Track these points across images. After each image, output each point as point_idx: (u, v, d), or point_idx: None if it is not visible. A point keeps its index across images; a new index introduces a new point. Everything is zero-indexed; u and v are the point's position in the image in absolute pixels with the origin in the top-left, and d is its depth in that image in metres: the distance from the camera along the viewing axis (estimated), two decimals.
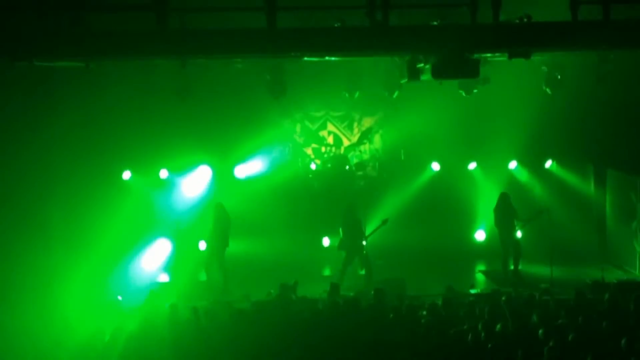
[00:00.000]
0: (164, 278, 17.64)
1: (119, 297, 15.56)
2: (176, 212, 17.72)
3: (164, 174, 18.46)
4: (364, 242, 16.62)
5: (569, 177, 18.79)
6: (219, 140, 18.43)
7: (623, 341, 10.77)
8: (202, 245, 17.56)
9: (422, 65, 13.66)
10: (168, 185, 18.61)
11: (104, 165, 17.69)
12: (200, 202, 18.06)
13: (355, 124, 19.34)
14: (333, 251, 17.95)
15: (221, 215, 16.72)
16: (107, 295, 15.78)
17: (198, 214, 18.07)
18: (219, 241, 16.57)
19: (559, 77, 15.84)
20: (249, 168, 18.85)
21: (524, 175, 19.00)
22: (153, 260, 18.05)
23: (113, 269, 17.22)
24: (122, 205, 18.12)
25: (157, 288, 15.91)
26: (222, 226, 16.66)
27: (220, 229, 16.62)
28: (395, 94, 16.33)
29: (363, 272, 16.78)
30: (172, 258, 16.75)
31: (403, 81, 15.28)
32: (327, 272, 18.16)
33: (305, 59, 14.40)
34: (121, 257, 17.67)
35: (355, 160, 19.14)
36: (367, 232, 16.70)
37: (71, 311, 14.49)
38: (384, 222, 16.68)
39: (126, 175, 18.31)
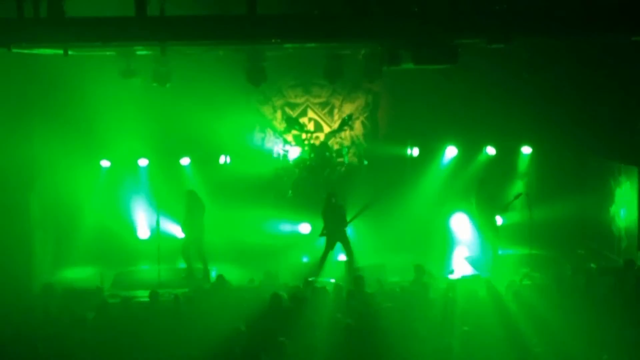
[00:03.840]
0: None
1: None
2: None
3: (143, 162, 18.37)
4: (346, 229, 16.66)
5: (548, 163, 18.84)
6: (199, 127, 18.33)
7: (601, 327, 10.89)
8: (179, 233, 17.57)
9: (402, 52, 13.67)
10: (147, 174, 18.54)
11: (83, 153, 17.61)
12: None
13: (336, 111, 19.32)
14: (313, 238, 17.98)
15: (194, 202, 16.69)
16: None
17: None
18: (194, 229, 16.55)
19: (538, 62, 15.89)
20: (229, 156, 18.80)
21: (499, 160, 19.02)
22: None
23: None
24: (100, 193, 18.09)
25: None
26: (196, 213, 16.63)
27: (194, 217, 16.60)
28: (376, 80, 16.32)
29: (345, 258, 16.83)
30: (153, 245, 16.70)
31: (383, 68, 15.26)
32: (306, 258, 18.18)
33: (286, 45, 14.38)
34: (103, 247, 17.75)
35: (335, 147, 19.13)
36: (349, 218, 16.72)
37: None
38: (366, 207, 16.72)
39: (105, 163, 18.20)
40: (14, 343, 10.90)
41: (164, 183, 18.32)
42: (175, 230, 17.68)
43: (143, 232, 18.38)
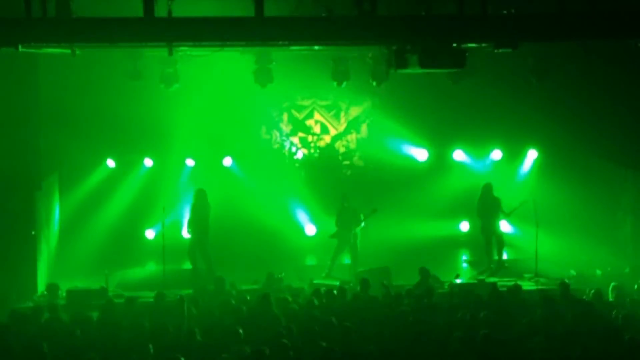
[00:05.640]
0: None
1: None
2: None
3: (148, 162, 18.41)
4: (357, 231, 16.71)
5: (555, 167, 18.79)
6: (205, 129, 18.37)
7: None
8: (185, 234, 17.61)
9: (409, 55, 13.65)
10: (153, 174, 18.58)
11: (89, 152, 17.66)
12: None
13: (342, 114, 19.33)
14: (317, 239, 18.02)
15: (201, 202, 16.64)
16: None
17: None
18: (200, 229, 16.53)
19: (545, 66, 15.86)
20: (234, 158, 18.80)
21: (507, 165, 19.01)
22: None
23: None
24: (106, 193, 18.13)
25: None
26: (202, 213, 16.60)
27: (200, 216, 16.57)
28: (383, 83, 16.31)
29: (349, 261, 16.85)
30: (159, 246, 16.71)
31: (390, 71, 15.26)
32: (311, 260, 18.20)
33: (293, 47, 14.39)
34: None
35: (342, 150, 19.14)
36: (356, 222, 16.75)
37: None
38: (374, 211, 16.73)
39: (110, 163, 18.23)
40: (19, 342, 10.91)
41: (170, 184, 18.39)
42: (181, 229, 17.75)
43: (149, 232, 18.40)
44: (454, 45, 13.24)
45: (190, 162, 18.55)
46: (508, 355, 10.37)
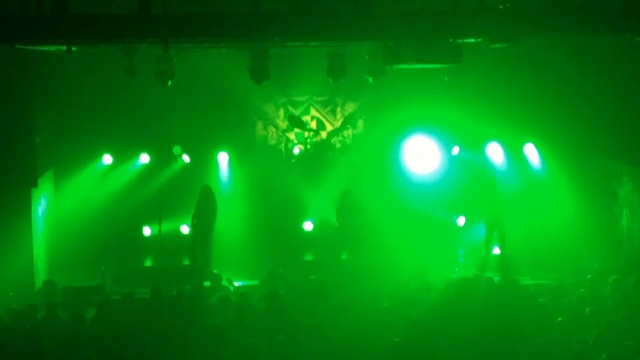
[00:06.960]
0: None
1: None
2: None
3: (144, 158, 18.38)
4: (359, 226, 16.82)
5: (551, 161, 18.81)
6: (201, 124, 18.34)
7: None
8: (185, 229, 17.58)
9: (405, 50, 13.66)
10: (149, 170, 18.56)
11: (85, 149, 17.64)
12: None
13: (339, 109, 19.31)
14: (315, 235, 18.00)
15: (207, 198, 16.62)
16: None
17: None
18: (203, 225, 16.49)
19: (541, 61, 15.86)
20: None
21: (504, 159, 19.00)
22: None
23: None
24: (102, 189, 18.12)
25: None
26: (206, 210, 16.56)
27: (203, 213, 16.53)
28: (379, 79, 16.30)
29: (345, 256, 16.88)
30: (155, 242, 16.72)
31: (387, 66, 15.25)
32: (309, 256, 18.19)
33: (289, 43, 14.38)
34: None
35: (338, 145, 19.13)
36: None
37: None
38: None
39: (106, 159, 18.20)
40: (17, 340, 10.93)
41: (166, 180, 18.37)
42: (181, 226, 17.73)
43: (146, 228, 18.38)
44: (450, 40, 13.24)
45: (185, 158, 18.52)
46: (505, 350, 10.40)
